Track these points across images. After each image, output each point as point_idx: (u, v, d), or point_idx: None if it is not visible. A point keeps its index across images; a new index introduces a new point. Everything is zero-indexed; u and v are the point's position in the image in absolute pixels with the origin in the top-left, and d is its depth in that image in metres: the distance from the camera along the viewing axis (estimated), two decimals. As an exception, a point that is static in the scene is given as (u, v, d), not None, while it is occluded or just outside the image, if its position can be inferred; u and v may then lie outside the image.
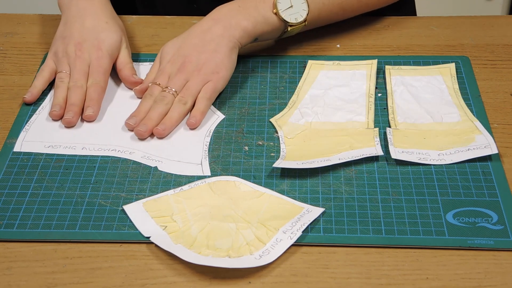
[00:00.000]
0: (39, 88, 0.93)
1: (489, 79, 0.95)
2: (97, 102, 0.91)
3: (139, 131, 0.86)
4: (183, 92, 0.89)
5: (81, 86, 0.91)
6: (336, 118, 0.89)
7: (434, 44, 1.01)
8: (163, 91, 0.90)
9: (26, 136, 0.87)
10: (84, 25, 0.95)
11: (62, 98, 0.90)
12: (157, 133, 0.86)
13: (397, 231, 0.74)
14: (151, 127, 0.86)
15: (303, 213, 0.75)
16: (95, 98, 0.91)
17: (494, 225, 0.74)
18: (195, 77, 0.90)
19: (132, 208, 0.77)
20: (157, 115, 0.87)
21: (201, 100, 0.89)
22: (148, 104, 0.89)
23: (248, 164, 0.83)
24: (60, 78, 0.93)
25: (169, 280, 0.70)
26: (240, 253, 0.71)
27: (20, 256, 0.73)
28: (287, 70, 0.97)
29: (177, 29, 1.06)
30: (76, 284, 0.70)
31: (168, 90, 0.89)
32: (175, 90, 0.89)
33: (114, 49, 0.95)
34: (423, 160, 0.81)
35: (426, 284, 0.69)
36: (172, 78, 0.91)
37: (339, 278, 0.70)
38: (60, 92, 0.91)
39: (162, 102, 0.88)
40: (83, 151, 0.85)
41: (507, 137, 0.85)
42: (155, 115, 0.87)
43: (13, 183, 0.81)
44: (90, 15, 0.96)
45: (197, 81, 0.90)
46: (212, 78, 0.90)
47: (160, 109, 0.88)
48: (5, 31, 1.07)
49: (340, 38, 1.03)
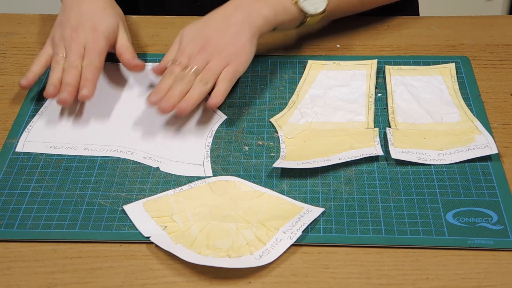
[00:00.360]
0: (36, 72, 0.92)
1: (489, 79, 0.95)
2: (92, 82, 0.90)
3: (163, 107, 0.86)
4: (204, 72, 0.89)
5: (75, 66, 0.90)
6: (336, 118, 0.89)
7: (434, 44, 1.01)
8: (183, 70, 0.89)
9: (28, 136, 0.87)
10: (81, 10, 0.95)
11: (57, 79, 0.90)
12: (179, 111, 0.86)
13: (397, 231, 0.74)
14: (173, 103, 0.86)
15: (303, 213, 0.75)
16: (90, 78, 0.90)
17: (494, 225, 0.74)
18: (216, 58, 0.89)
19: (132, 208, 0.77)
20: (178, 93, 0.87)
21: (222, 82, 0.89)
22: (168, 82, 0.88)
23: (248, 164, 0.83)
24: (55, 61, 0.92)
25: (169, 280, 0.70)
26: (240, 253, 0.71)
27: (20, 256, 0.73)
28: (287, 70, 0.97)
29: (177, 29, 1.05)
30: (76, 284, 0.70)
31: (189, 70, 0.89)
32: (196, 70, 0.89)
33: (111, 32, 0.95)
34: (423, 160, 0.81)
35: (426, 284, 0.69)
36: (193, 58, 0.90)
37: (339, 278, 0.70)
38: (55, 73, 0.91)
39: (183, 81, 0.88)
40: (85, 152, 0.85)
41: (507, 137, 0.85)
42: (176, 93, 0.87)
43: (13, 183, 0.81)
44: (88, 2, 0.96)
45: (218, 63, 0.89)
46: (233, 61, 0.90)
47: (181, 87, 0.87)
48: (5, 31, 1.07)
49: (340, 38, 1.03)
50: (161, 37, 1.05)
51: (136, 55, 0.96)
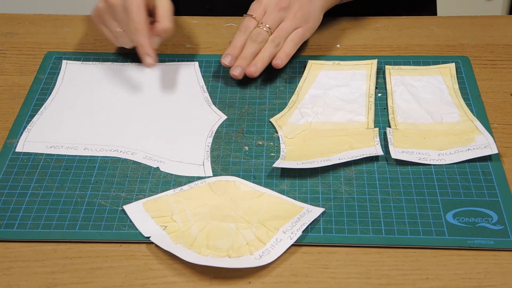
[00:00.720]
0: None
1: (489, 79, 0.95)
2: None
3: (234, 75, 0.92)
4: (277, 32, 0.93)
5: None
6: (336, 118, 0.89)
7: (434, 44, 1.01)
8: (257, 26, 0.93)
9: (28, 136, 0.87)
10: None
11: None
12: (248, 74, 0.92)
13: (397, 231, 0.74)
14: (244, 68, 0.92)
15: (303, 213, 0.75)
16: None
17: (494, 225, 0.74)
18: (290, 19, 0.94)
19: (132, 208, 0.77)
20: (251, 54, 0.92)
21: (289, 44, 0.94)
22: (243, 39, 0.93)
23: (248, 164, 0.83)
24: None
25: (169, 280, 0.70)
26: (240, 253, 0.71)
27: (20, 256, 0.73)
28: (287, 70, 0.97)
29: (177, 29, 1.06)
30: (76, 284, 0.70)
31: (263, 27, 0.93)
32: (269, 27, 0.93)
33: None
34: (423, 160, 0.81)
35: (426, 284, 0.69)
36: (269, 13, 0.94)
37: (339, 278, 0.70)
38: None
39: (257, 40, 0.92)
40: (85, 152, 0.85)
41: (507, 137, 0.85)
42: (248, 54, 0.92)
43: (13, 183, 0.81)
44: None
45: (291, 24, 0.94)
46: (303, 25, 0.95)
47: (253, 47, 0.92)
48: (5, 31, 1.07)
49: (340, 38, 1.03)
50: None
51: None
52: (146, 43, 0.89)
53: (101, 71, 0.98)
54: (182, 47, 1.02)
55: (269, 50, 0.93)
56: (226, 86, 0.94)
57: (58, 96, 0.94)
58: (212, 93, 0.94)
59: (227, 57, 0.93)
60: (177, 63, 0.99)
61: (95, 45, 1.03)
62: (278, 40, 0.93)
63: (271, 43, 0.93)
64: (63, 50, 1.02)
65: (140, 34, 0.89)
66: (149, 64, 0.90)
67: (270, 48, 0.93)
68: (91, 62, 1.00)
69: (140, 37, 0.89)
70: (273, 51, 0.93)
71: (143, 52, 0.89)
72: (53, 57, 1.00)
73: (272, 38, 0.93)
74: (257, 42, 0.92)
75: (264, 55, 0.92)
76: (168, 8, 0.91)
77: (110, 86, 0.95)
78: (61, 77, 0.97)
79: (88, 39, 1.04)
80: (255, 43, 0.93)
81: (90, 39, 1.04)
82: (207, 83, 0.96)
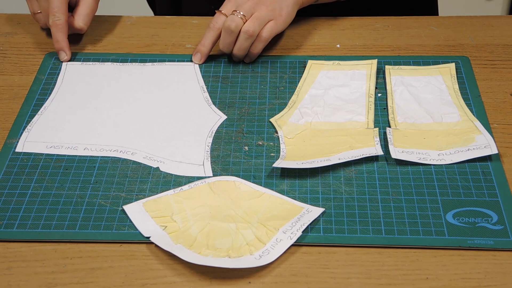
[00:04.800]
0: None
1: (489, 79, 0.95)
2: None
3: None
4: (252, 20, 0.93)
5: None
6: (336, 118, 0.89)
7: (434, 44, 1.01)
8: (232, 14, 0.92)
9: (28, 136, 0.87)
10: None
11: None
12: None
13: (397, 231, 0.74)
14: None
15: (303, 213, 0.75)
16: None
17: (494, 225, 0.74)
18: (263, 10, 0.93)
19: (132, 208, 0.77)
20: (227, 48, 0.94)
21: (260, 39, 0.94)
22: (211, 36, 0.94)
23: (248, 164, 0.83)
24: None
25: (169, 280, 0.70)
26: (240, 253, 0.71)
27: (20, 256, 0.73)
28: (287, 70, 0.97)
29: (177, 29, 1.06)
30: (76, 284, 0.70)
31: (237, 14, 0.92)
32: (244, 14, 0.92)
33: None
34: (423, 160, 0.81)
35: (426, 284, 0.69)
36: (241, 4, 0.93)
37: (339, 278, 0.70)
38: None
39: (229, 29, 0.92)
40: (85, 152, 0.85)
41: (507, 137, 0.85)
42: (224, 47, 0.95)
43: (13, 183, 0.81)
44: None
45: (264, 14, 0.93)
46: (275, 18, 0.94)
47: (228, 40, 0.93)
48: (5, 31, 1.07)
49: (340, 38, 1.03)
50: (161, 37, 1.05)
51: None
52: (61, 39, 0.92)
53: (101, 71, 0.98)
54: (182, 47, 1.02)
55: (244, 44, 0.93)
56: (226, 86, 0.95)
57: (58, 96, 0.94)
58: (212, 93, 0.94)
59: (197, 56, 0.96)
60: (177, 63, 0.99)
61: (95, 45, 1.03)
62: (253, 30, 0.92)
63: (243, 35, 0.93)
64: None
65: (58, 29, 0.92)
66: (64, 59, 0.93)
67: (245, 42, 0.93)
68: (91, 62, 1.00)
69: (57, 32, 0.91)
70: (247, 45, 0.94)
71: (58, 47, 0.92)
72: (53, 58, 1.00)
73: (245, 29, 0.92)
74: (229, 34, 0.93)
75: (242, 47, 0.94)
76: (88, 7, 0.95)
77: (110, 87, 0.95)
78: (61, 77, 0.97)
79: (88, 39, 1.04)
80: (228, 35, 0.93)
81: (90, 39, 1.04)
82: (207, 83, 0.96)
